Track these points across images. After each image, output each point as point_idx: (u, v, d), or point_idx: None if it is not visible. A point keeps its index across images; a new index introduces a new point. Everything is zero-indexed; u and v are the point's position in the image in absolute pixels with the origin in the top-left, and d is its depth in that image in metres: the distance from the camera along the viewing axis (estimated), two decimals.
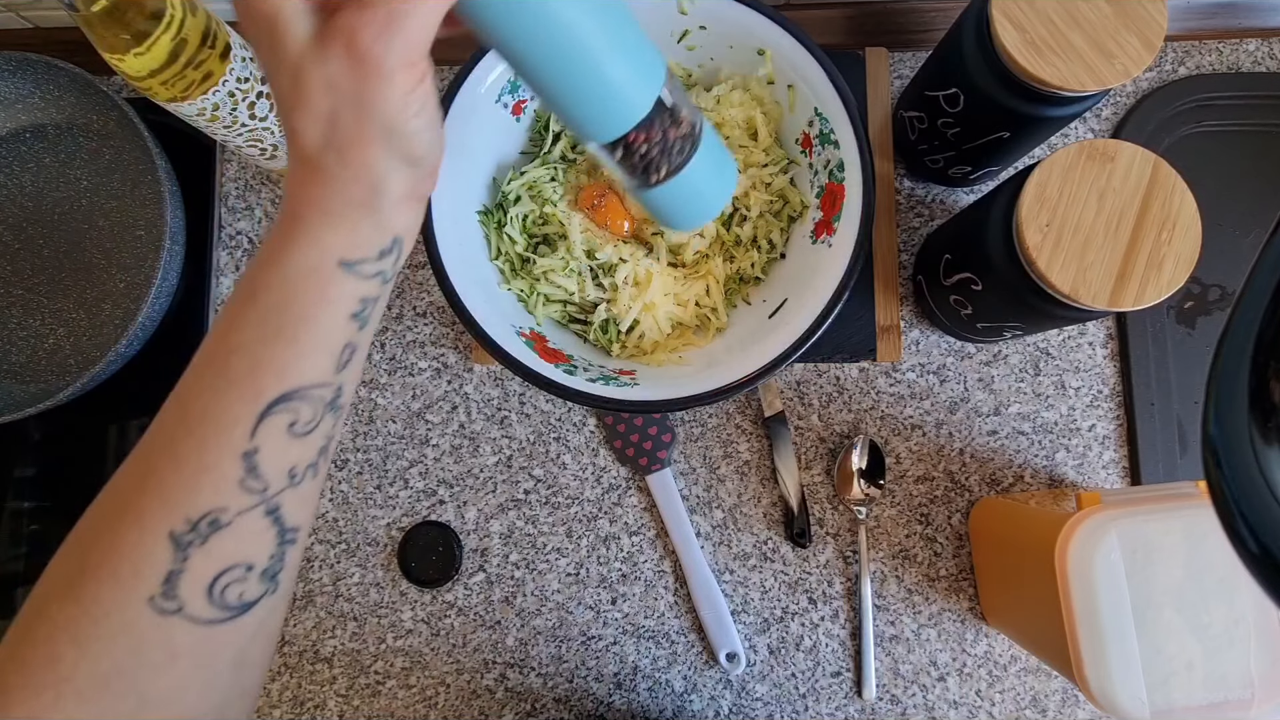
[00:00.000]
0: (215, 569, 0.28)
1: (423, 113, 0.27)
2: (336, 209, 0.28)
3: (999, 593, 0.59)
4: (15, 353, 0.65)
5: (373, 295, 0.30)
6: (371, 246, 0.29)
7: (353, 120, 0.26)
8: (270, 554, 0.30)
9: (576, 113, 0.30)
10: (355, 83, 0.25)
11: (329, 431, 0.31)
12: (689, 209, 0.36)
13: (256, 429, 0.28)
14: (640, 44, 0.30)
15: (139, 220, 0.66)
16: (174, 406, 0.29)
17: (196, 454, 0.28)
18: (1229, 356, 0.23)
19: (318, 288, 0.28)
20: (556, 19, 0.27)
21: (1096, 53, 0.46)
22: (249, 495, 0.28)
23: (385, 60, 0.25)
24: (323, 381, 0.29)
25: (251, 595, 0.29)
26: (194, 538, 0.28)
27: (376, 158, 0.27)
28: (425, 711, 0.62)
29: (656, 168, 0.33)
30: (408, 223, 0.30)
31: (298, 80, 0.26)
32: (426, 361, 0.66)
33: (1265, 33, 0.67)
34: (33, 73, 0.64)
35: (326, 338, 0.29)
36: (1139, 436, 0.62)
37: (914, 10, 0.67)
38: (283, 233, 0.28)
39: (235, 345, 0.28)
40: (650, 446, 0.63)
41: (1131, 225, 0.44)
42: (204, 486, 0.28)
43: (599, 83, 0.29)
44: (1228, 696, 0.44)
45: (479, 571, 0.63)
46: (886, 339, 0.62)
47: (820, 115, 0.53)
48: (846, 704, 0.61)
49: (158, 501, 0.28)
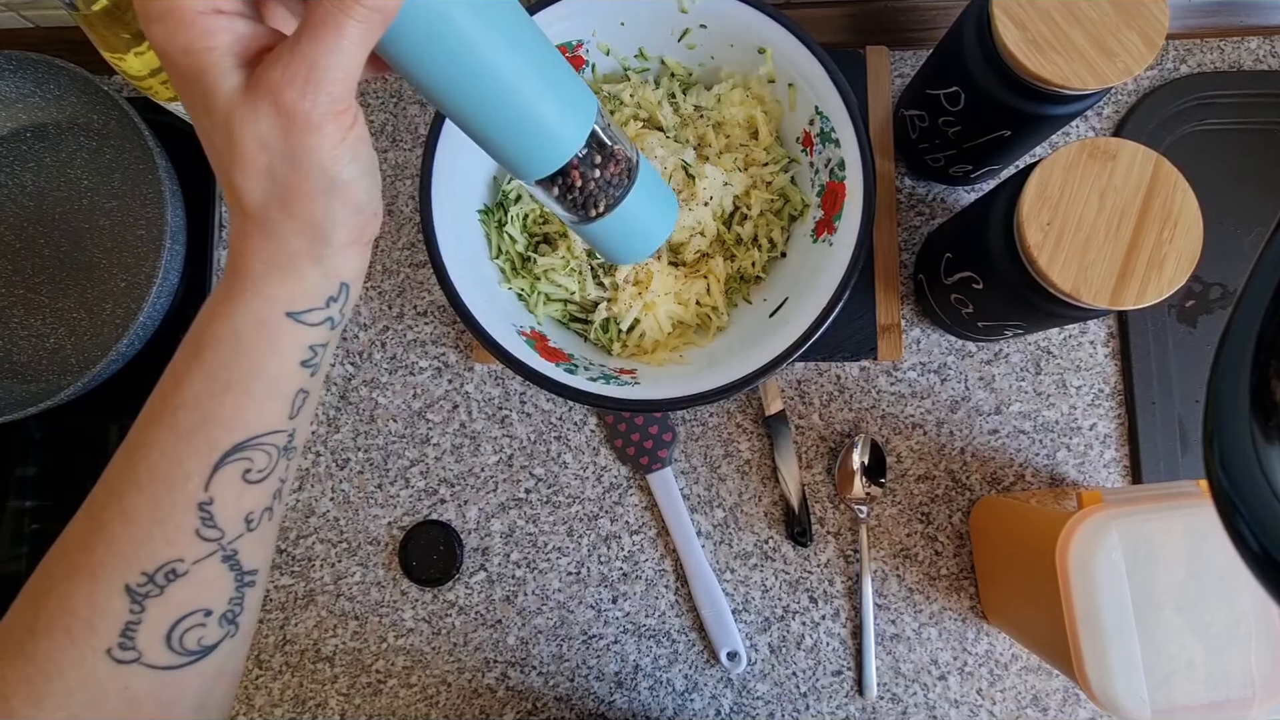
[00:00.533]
0: (173, 616, 0.28)
1: (356, 159, 0.27)
2: (282, 262, 0.28)
3: (1000, 591, 0.59)
4: (17, 352, 0.65)
5: (322, 341, 0.30)
6: (319, 295, 0.29)
7: (290, 174, 0.26)
8: (229, 598, 0.30)
9: (507, 152, 0.30)
10: (286, 138, 0.25)
11: (283, 474, 0.31)
12: (630, 243, 0.36)
13: (211, 480, 0.28)
14: (568, 80, 0.30)
15: (140, 219, 0.66)
16: (122, 464, 0.29)
17: (149, 509, 0.28)
18: (1230, 355, 0.23)
19: (267, 340, 0.28)
20: (480, 61, 0.27)
21: (1098, 51, 0.46)
22: (206, 544, 0.29)
23: (312, 115, 0.25)
24: (276, 429, 0.30)
25: (211, 639, 0.30)
26: (150, 589, 0.28)
27: (318, 209, 0.27)
28: (426, 710, 0.62)
29: (595, 202, 0.33)
30: (354, 267, 0.30)
31: (231, 138, 0.26)
32: (427, 361, 0.66)
33: (1267, 31, 0.67)
34: (33, 72, 0.64)
35: (278, 387, 0.29)
36: (1140, 435, 0.62)
37: (915, 9, 0.67)
38: (229, 288, 0.28)
39: (183, 401, 0.28)
40: (651, 445, 0.63)
41: (1133, 224, 0.44)
42: (158, 539, 0.28)
43: (527, 122, 0.29)
44: (1229, 695, 0.44)
45: (480, 570, 0.63)
46: (887, 338, 0.62)
47: (821, 114, 0.53)
48: (847, 703, 0.61)
49: (110, 556, 0.28)
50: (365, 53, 0.25)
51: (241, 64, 0.25)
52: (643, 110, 0.59)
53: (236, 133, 0.25)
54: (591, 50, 0.57)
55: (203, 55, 0.25)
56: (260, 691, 0.63)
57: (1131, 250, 0.44)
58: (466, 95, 0.28)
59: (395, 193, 0.68)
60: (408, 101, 0.69)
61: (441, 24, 0.25)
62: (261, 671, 0.63)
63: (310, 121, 0.25)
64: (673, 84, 0.59)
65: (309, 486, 0.64)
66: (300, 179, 0.26)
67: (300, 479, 0.65)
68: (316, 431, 0.65)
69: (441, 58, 0.26)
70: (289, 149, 0.25)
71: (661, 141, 0.56)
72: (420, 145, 0.68)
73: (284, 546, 0.64)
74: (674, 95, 0.59)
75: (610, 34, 0.56)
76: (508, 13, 0.27)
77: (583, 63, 0.58)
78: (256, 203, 0.27)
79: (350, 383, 0.65)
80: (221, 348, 0.28)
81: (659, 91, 0.59)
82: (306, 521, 0.64)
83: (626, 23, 0.56)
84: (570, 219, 0.34)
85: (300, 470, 0.65)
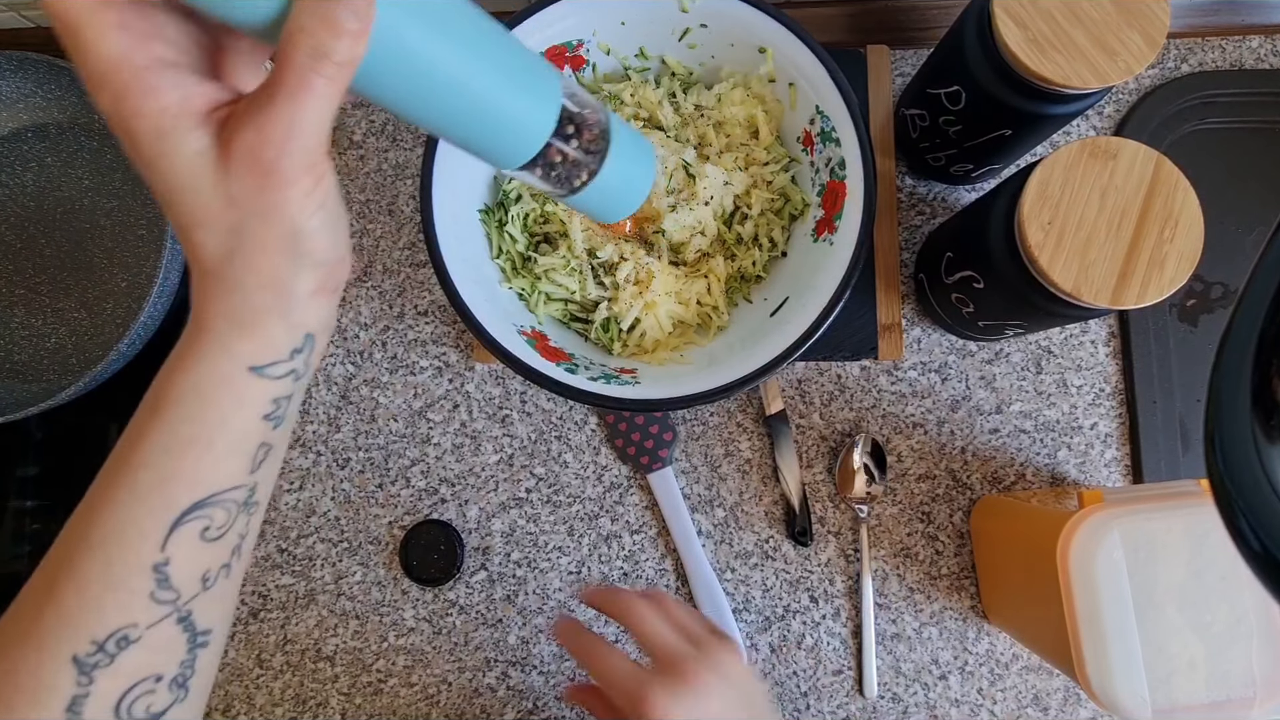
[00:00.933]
0: (122, 687, 0.28)
1: (323, 209, 0.27)
2: (245, 315, 0.27)
3: (1001, 591, 0.58)
4: (18, 352, 0.65)
5: (285, 394, 0.29)
6: (283, 348, 0.29)
7: (257, 229, 0.26)
8: (180, 661, 0.29)
9: (484, 149, 0.30)
10: (261, 196, 0.25)
11: (243, 530, 0.30)
12: (619, 200, 0.37)
13: (167, 540, 0.27)
14: (530, 67, 0.30)
15: (140, 219, 0.66)
16: (78, 524, 0.28)
17: (102, 573, 0.27)
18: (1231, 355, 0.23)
19: (229, 396, 0.28)
20: (440, 76, 0.26)
21: (1099, 50, 0.46)
22: (160, 606, 0.28)
23: (289, 171, 0.25)
24: (236, 484, 0.29)
25: (160, 706, 0.29)
26: (100, 658, 0.27)
27: (282, 262, 0.27)
28: (427, 710, 0.62)
29: (578, 173, 0.33)
30: (320, 317, 0.30)
31: (199, 198, 0.25)
32: (428, 360, 0.66)
33: (1268, 30, 0.67)
34: (34, 72, 0.64)
35: (240, 442, 0.29)
36: (1141, 435, 0.62)
37: (915, 8, 0.67)
38: (191, 342, 0.28)
39: (142, 460, 0.28)
40: (651, 445, 0.63)
41: (1134, 223, 0.44)
42: (110, 605, 0.27)
43: (497, 119, 0.29)
44: (1230, 695, 0.44)
45: (481, 570, 0.63)
46: (888, 337, 0.62)
47: (821, 113, 0.53)
48: (848, 702, 0.61)
49: (60, 624, 0.27)
50: (337, 104, 0.25)
51: (198, 123, 0.25)
52: (643, 110, 0.59)
53: (205, 193, 0.25)
54: (592, 50, 0.57)
55: (157, 118, 0.24)
56: (261, 691, 0.63)
57: (1132, 249, 0.44)
58: (434, 110, 0.28)
59: (395, 193, 0.68)
60: None
61: (398, 50, 0.25)
62: (262, 671, 0.63)
63: (287, 178, 0.25)
64: (673, 83, 0.59)
65: (309, 486, 0.65)
66: (266, 233, 0.26)
67: (301, 479, 0.65)
68: (317, 431, 0.65)
69: (403, 82, 0.26)
70: (262, 206, 0.25)
71: (662, 141, 0.56)
72: (420, 145, 0.68)
73: (285, 546, 0.64)
74: (674, 95, 0.59)
75: (611, 33, 0.56)
76: (459, 17, 0.27)
77: (583, 62, 0.58)
78: (216, 258, 0.26)
79: (351, 382, 0.66)
80: (182, 404, 0.28)
81: (659, 91, 0.59)
82: (307, 521, 0.64)
83: (627, 22, 0.56)
84: (558, 193, 0.35)
85: (301, 470, 0.65)
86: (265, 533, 0.64)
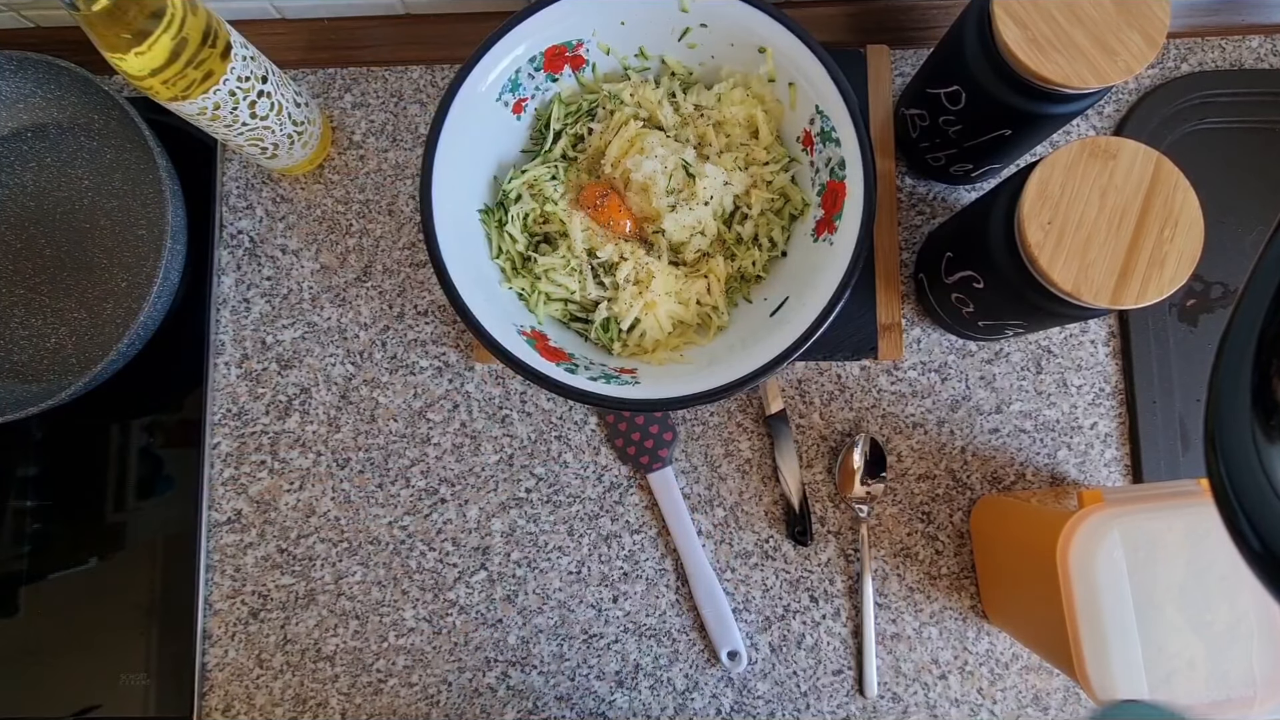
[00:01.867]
0: None
1: None
2: None
3: (1000, 591, 0.58)
4: (18, 352, 0.65)
5: None
6: None
7: None
8: None
9: None
10: None
11: None
12: None
13: None
14: None
15: (140, 219, 0.66)
16: None
17: None
18: (1231, 354, 0.23)
19: None
20: None
21: (1099, 49, 0.46)
22: None
23: None
24: None
25: None
26: None
27: None
28: (427, 710, 0.62)
29: None
30: None
31: None
32: (428, 360, 0.66)
33: (1268, 29, 0.67)
34: (34, 72, 0.64)
35: None
36: (1141, 434, 0.62)
37: (915, 7, 0.67)
38: None
39: None
40: (651, 445, 0.63)
41: (1133, 223, 0.44)
42: None
43: None
44: (1230, 695, 0.44)
45: (480, 570, 0.63)
46: (888, 337, 0.62)
47: (821, 113, 0.53)
48: (848, 702, 0.61)
49: None
50: None
51: None
52: (643, 109, 0.59)
53: None
54: (592, 49, 0.57)
55: None
56: (261, 691, 0.63)
57: (1132, 249, 0.44)
58: None
59: (395, 193, 0.68)
60: (408, 101, 0.69)
61: None
62: (262, 671, 0.63)
63: None
64: (673, 83, 0.59)
65: (309, 486, 0.65)
66: None
67: (301, 479, 0.65)
68: (317, 431, 0.65)
69: None
70: None
71: (662, 141, 0.56)
72: (420, 145, 0.68)
73: (285, 546, 0.64)
74: (674, 94, 0.59)
75: (611, 33, 0.56)
76: None
77: (583, 62, 0.58)
78: None
79: (351, 382, 0.66)
80: None
81: (659, 91, 0.59)
82: (307, 521, 0.64)
83: (627, 22, 0.55)
84: None
85: (301, 470, 0.65)
86: (265, 533, 0.64)
